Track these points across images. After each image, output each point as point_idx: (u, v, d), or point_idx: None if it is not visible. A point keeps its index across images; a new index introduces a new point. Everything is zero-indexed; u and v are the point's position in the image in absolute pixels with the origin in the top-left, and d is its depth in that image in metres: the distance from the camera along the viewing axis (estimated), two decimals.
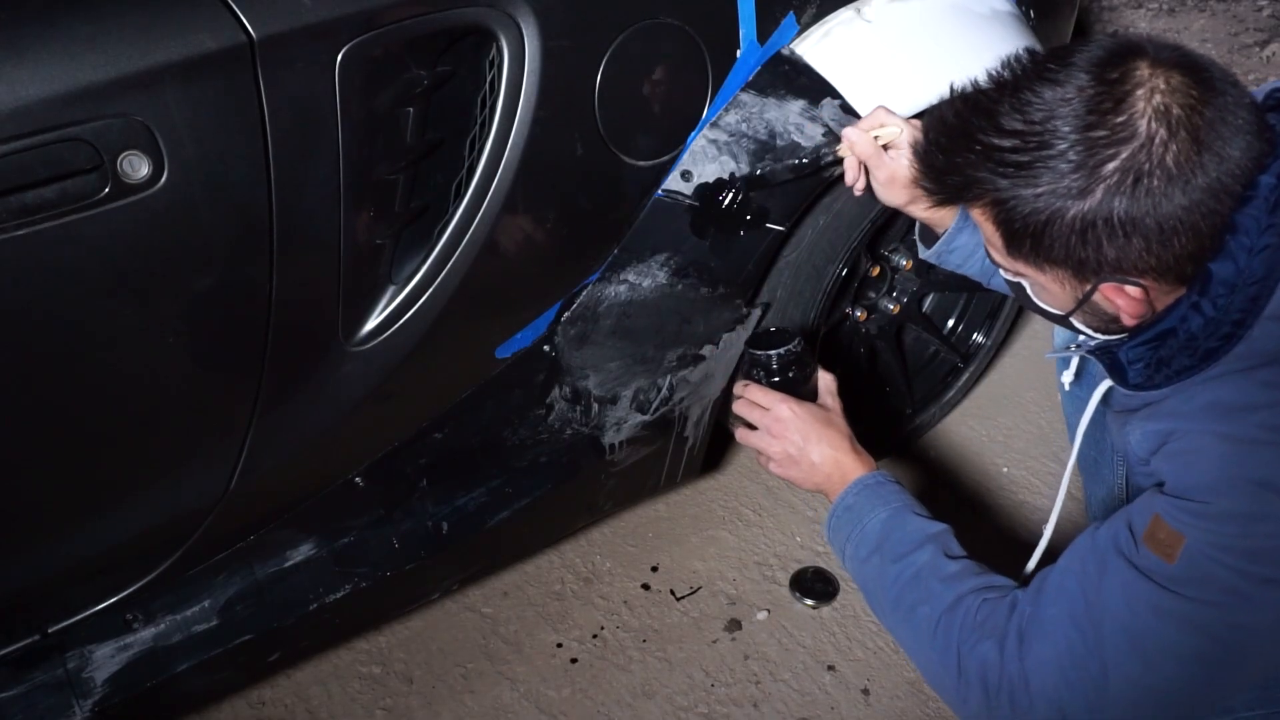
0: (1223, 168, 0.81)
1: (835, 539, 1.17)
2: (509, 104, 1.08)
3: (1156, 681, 0.88)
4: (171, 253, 0.95)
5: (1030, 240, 0.87)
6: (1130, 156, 0.80)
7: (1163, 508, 0.87)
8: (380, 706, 1.51)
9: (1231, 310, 0.85)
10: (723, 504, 1.83)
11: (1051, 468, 1.89)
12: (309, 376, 1.12)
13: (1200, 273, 0.86)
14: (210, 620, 1.24)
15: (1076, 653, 0.90)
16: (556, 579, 1.70)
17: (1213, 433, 0.86)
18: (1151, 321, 0.91)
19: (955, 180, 0.90)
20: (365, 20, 0.96)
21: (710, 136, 1.25)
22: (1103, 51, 0.84)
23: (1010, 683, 0.94)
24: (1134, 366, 0.93)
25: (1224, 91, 0.82)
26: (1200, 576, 0.84)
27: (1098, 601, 0.90)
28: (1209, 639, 0.85)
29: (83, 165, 0.86)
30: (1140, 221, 0.82)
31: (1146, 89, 0.81)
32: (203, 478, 1.13)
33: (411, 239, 1.12)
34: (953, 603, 1.01)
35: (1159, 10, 3.43)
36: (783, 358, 1.23)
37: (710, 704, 1.50)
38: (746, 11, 1.22)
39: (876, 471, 1.17)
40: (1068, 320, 0.99)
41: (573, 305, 1.28)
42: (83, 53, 0.84)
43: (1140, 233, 0.82)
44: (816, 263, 1.45)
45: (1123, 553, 0.89)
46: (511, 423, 1.35)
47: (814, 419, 1.19)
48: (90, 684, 1.17)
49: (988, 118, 0.86)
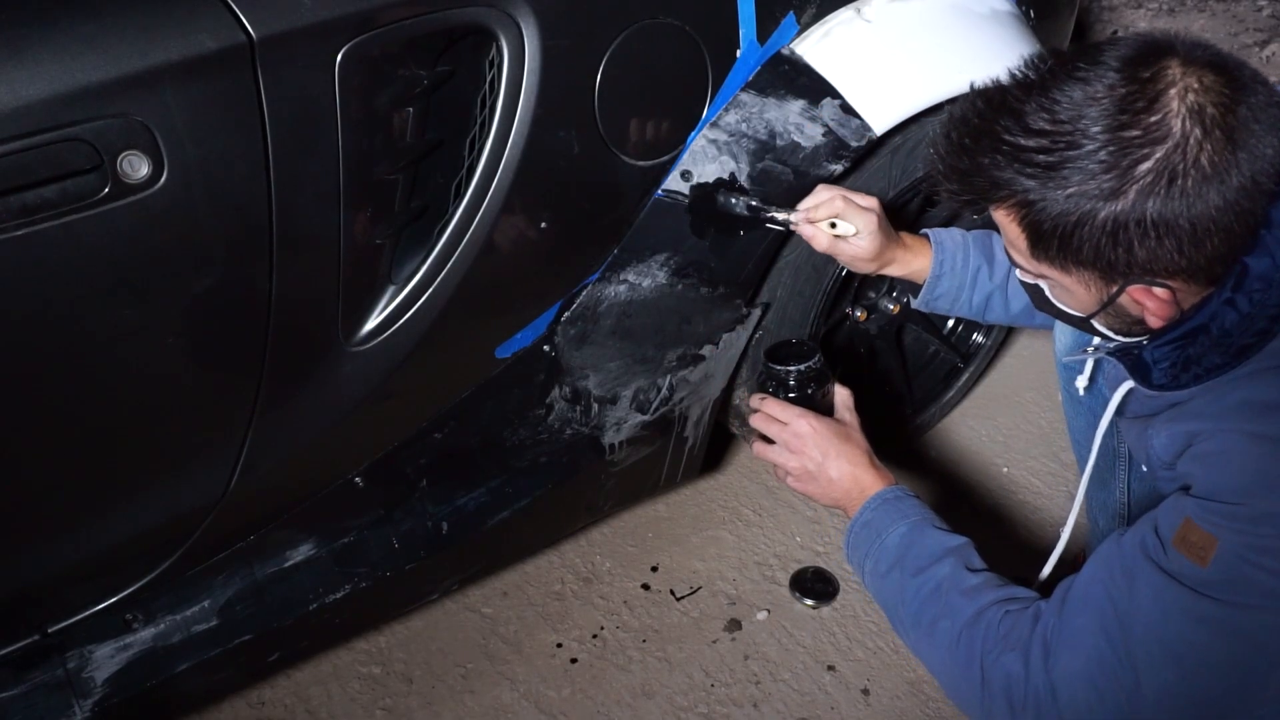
0: (1256, 166, 0.80)
1: (854, 556, 1.15)
2: (509, 104, 1.08)
3: (1191, 689, 0.86)
4: (171, 253, 0.95)
5: (1058, 242, 0.86)
6: (1164, 157, 0.79)
7: (1193, 510, 0.85)
8: (380, 706, 1.51)
9: (1267, 306, 0.84)
10: (723, 504, 1.83)
11: (1051, 468, 1.89)
12: (309, 377, 1.12)
13: (1235, 268, 0.85)
14: (210, 620, 1.24)
15: (1107, 662, 0.88)
16: (556, 579, 1.70)
17: (1244, 432, 0.84)
18: (1179, 320, 0.89)
19: (980, 182, 0.88)
20: (365, 20, 0.96)
21: (710, 136, 1.25)
22: (1133, 50, 0.83)
23: (1036, 695, 0.92)
24: (1159, 366, 0.92)
25: (1255, 90, 0.81)
26: (1235, 579, 0.82)
27: (1128, 609, 0.88)
28: (1246, 643, 0.84)
29: (83, 165, 0.86)
30: (1173, 223, 0.81)
31: (1180, 88, 0.79)
32: (203, 478, 1.13)
33: (411, 239, 1.12)
34: (974, 615, 0.99)
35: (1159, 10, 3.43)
36: (802, 374, 1.22)
37: (710, 704, 1.50)
38: (746, 11, 1.22)
39: (895, 486, 1.15)
40: (1088, 322, 0.98)
41: (572, 305, 1.28)
42: (83, 53, 0.84)
43: (1173, 234, 0.81)
44: (816, 263, 1.45)
45: (1151, 558, 0.87)
46: (511, 423, 1.35)
47: (833, 434, 1.18)
48: (90, 684, 1.17)
49: (1014, 117, 0.84)
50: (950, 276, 1.34)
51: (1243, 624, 0.83)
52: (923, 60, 1.37)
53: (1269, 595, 0.82)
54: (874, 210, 1.28)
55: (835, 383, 1.26)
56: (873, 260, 1.30)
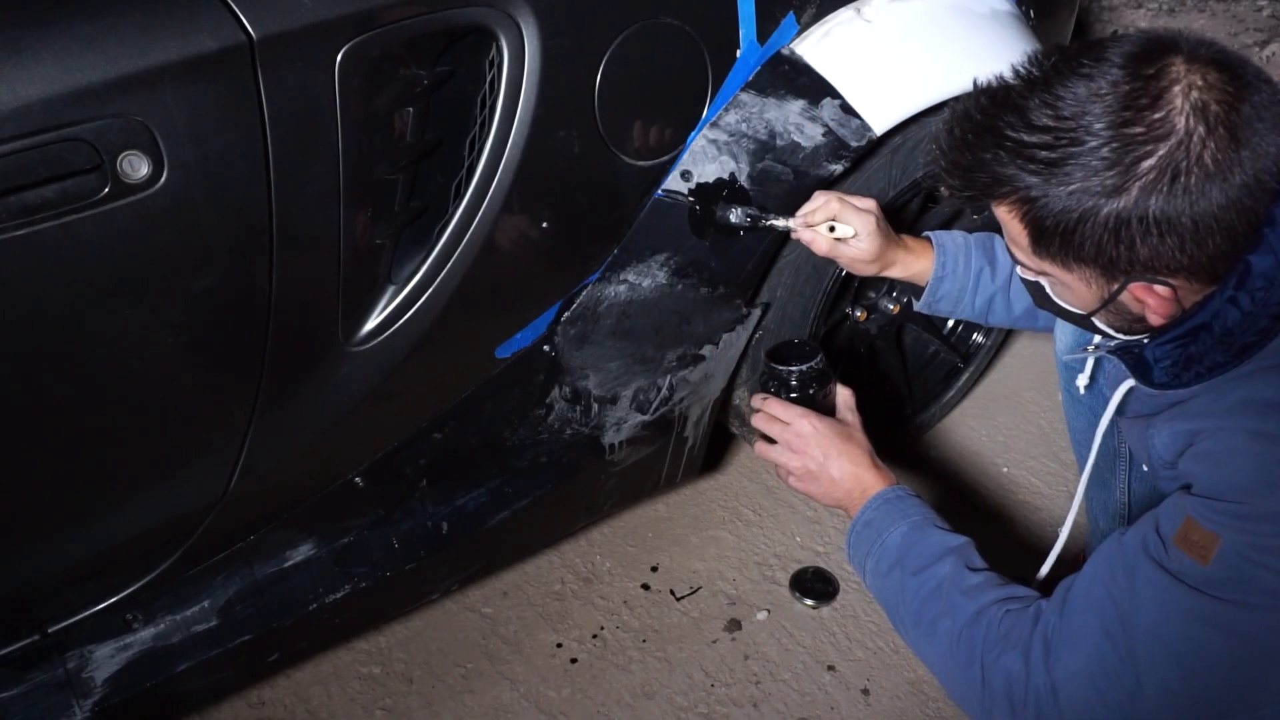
0: (1259, 164, 0.80)
1: (855, 555, 1.15)
2: (509, 104, 1.08)
3: (1193, 688, 0.85)
4: (171, 253, 0.95)
5: (1059, 239, 0.86)
6: (1168, 154, 0.79)
7: (1194, 509, 0.85)
8: (380, 706, 1.51)
9: (1270, 304, 0.84)
10: (723, 504, 1.83)
11: (1051, 467, 1.89)
12: (309, 376, 1.12)
13: (1238, 266, 0.85)
14: (210, 620, 1.24)
15: (1108, 661, 0.88)
16: (556, 579, 1.70)
17: (1246, 430, 0.84)
18: (1180, 318, 0.89)
19: (982, 177, 0.87)
20: (365, 20, 0.96)
21: (710, 136, 1.25)
22: (1137, 47, 0.82)
23: (1037, 694, 0.92)
24: (1160, 364, 0.92)
25: (1258, 88, 0.80)
26: (1237, 578, 0.82)
27: (1129, 608, 0.87)
28: (1247, 642, 0.83)
29: (83, 165, 0.86)
30: (1176, 220, 0.80)
31: (1184, 85, 0.79)
32: (203, 478, 1.13)
33: (411, 239, 1.12)
34: (975, 615, 0.99)
35: (1159, 10, 3.42)
36: (804, 374, 1.22)
37: (710, 704, 1.50)
38: (746, 11, 1.22)
39: (896, 486, 1.15)
40: (1089, 320, 0.98)
41: (573, 305, 1.28)
42: (83, 53, 0.84)
43: (1175, 232, 0.81)
44: (816, 263, 1.45)
45: (1153, 556, 0.87)
46: (511, 423, 1.35)
47: (835, 434, 1.18)
48: (90, 684, 1.17)
49: (1017, 113, 0.84)
50: (952, 278, 1.34)
51: (1244, 623, 0.83)
52: (923, 60, 1.37)
53: (1271, 594, 0.82)
54: (872, 212, 1.28)
55: (837, 383, 1.27)
56: (873, 262, 1.31)
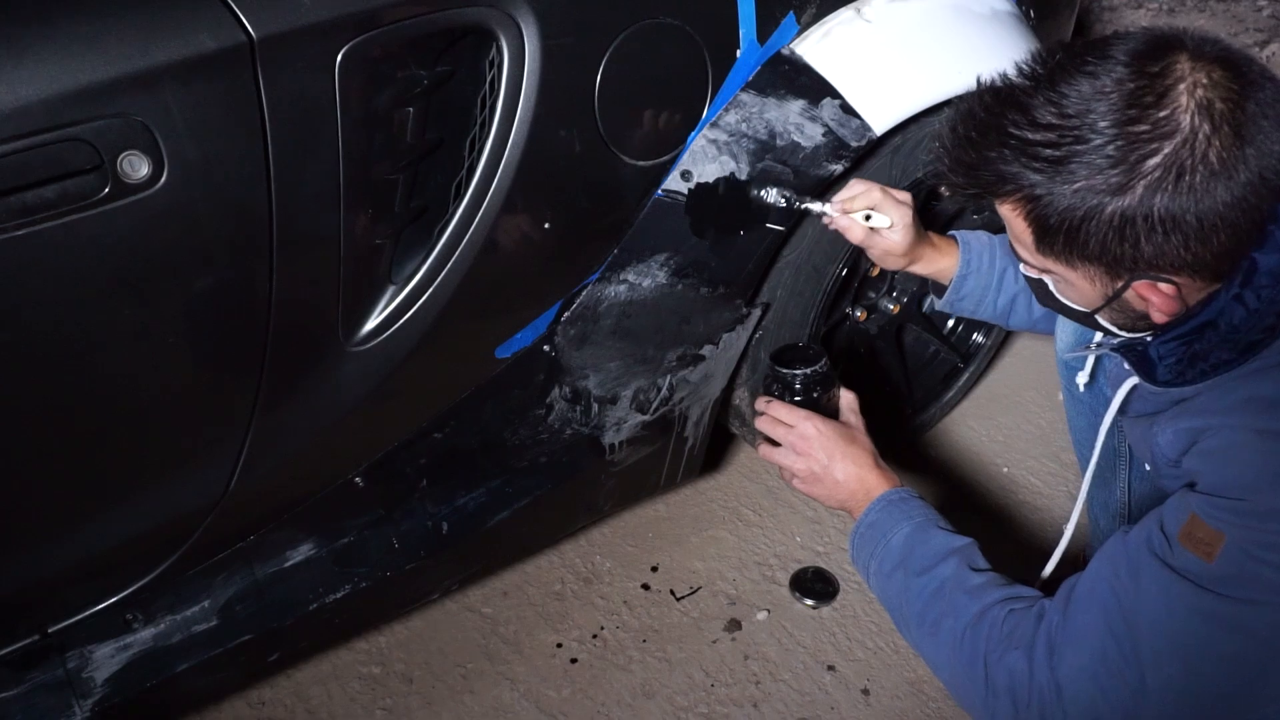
0: (1264, 162, 0.80)
1: (859, 556, 1.14)
2: (509, 104, 1.08)
3: (1197, 685, 0.85)
4: (171, 253, 0.95)
5: (1064, 237, 0.86)
6: (1173, 152, 0.79)
7: (1199, 506, 0.85)
8: (380, 706, 1.51)
9: (1276, 302, 0.84)
10: (723, 504, 1.83)
11: (1051, 468, 1.89)
12: (309, 377, 1.12)
13: (1243, 263, 0.85)
14: (210, 620, 1.24)
15: (1111, 660, 0.88)
16: (556, 579, 1.70)
17: (1251, 428, 0.84)
18: (1185, 316, 0.89)
19: (986, 175, 0.87)
20: (365, 20, 0.96)
21: (710, 136, 1.25)
22: (1141, 44, 0.82)
23: (1041, 693, 0.91)
24: (1164, 362, 0.92)
25: (1263, 86, 0.80)
26: (1242, 575, 0.82)
27: (1133, 605, 0.87)
28: (1252, 639, 0.83)
29: (83, 165, 0.86)
30: (1181, 218, 0.80)
31: (1189, 83, 0.79)
32: (203, 478, 1.13)
33: (411, 239, 1.12)
34: (978, 614, 0.99)
35: (1159, 10, 3.43)
36: (808, 378, 1.22)
37: (710, 704, 1.50)
38: (746, 11, 1.22)
39: (900, 488, 1.15)
40: (1093, 318, 0.98)
41: (573, 305, 1.28)
42: (83, 53, 0.84)
43: (1180, 230, 0.81)
44: (816, 263, 1.45)
45: (1157, 554, 0.87)
46: (511, 423, 1.35)
47: (838, 437, 1.18)
48: (90, 684, 1.17)
49: (1021, 111, 0.84)
50: (976, 276, 1.33)
51: (1249, 620, 0.83)
52: (923, 60, 1.37)
53: (1275, 591, 0.82)
54: (908, 205, 1.26)
55: (840, 386, 1.26)
56: (904, 255, 1.29)
